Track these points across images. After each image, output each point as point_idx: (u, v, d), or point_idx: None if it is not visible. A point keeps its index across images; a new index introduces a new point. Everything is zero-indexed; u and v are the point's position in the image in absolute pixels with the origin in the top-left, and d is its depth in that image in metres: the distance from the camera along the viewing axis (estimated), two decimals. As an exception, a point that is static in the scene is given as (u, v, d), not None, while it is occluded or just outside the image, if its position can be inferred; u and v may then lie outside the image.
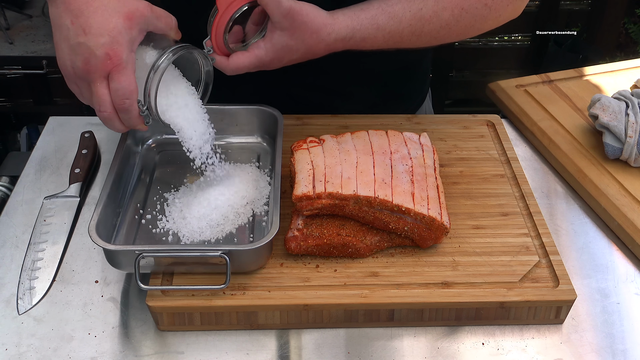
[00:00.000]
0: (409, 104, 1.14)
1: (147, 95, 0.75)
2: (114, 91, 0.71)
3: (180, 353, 0.75)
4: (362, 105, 1.08)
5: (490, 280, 0.78)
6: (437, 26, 0.86)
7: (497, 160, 0.98)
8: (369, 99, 1.09)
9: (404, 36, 0.85)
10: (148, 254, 0.74)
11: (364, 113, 1.06)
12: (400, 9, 0.84)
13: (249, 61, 0.81)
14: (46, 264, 0.84)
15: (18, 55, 1.86)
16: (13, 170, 1.04)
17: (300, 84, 1.03)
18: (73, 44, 0.70)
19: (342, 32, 0.82)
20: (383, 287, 0.77)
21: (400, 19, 0.84)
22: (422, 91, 1.17)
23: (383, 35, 0.84)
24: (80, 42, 0.70)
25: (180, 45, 0.77)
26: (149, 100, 0.76)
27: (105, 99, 0.72)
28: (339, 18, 0.82)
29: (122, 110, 0.73)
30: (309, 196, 0.79)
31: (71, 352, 0.75)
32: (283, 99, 1.00)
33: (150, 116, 0.77)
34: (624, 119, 0.97)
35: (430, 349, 0.76)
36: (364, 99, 1.08)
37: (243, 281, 0.77)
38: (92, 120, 1.09)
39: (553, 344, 0.77)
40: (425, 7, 0.84)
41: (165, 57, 0.75)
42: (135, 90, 0.73)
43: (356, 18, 0.83)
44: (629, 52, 2.53)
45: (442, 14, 0.85)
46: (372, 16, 0.83)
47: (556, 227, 0.92)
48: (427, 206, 0.80)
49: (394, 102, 1.11)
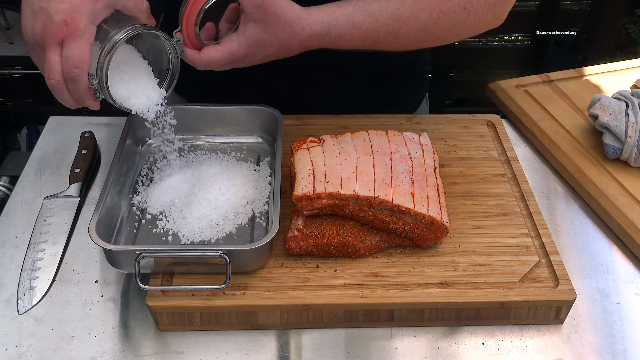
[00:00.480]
0: (405, 106, 1.14)
1: (99, 69, 0.72)
2: (65, 58, 0.70)
3: (180, 353, 0.75)
4: (356, 106, 1.07)
5: (490, 280, 0.78)
6: (415, 27, 0.85)
7: (497, 160, 0.98)
8: (364, 100, 1.08)
9: (381, 36, 0.84)
10: (148, 254, 0.74)
11: (358, 113, 1.06)
12: (377, 7, 0.83)
13: (221, 55, 0.79)
14: (46, 264, 0.84)
15: (18, 55, 1.86)
16: (13, 170, 1.04)
17: (297, 83, 1.03)
18: (35, 9, 0.70)
19: (317, 27, 0.81)
20: (383, 287, 0.77)
21: (377, 17, 0.83)
22: (419, 93, 1.17)
23: (359, 33, 0.83)
24: (42, 7, 0.69)
25: (143, 24, 0.75)
26: (101, 75, 0.73)
27: (55, 66, 0.70)
28: (314, 13, 0.81)
29: (70, 79, 0.71)
30: (309, 196, 0.79)
31: (71, 352, 0.75)
32: (281, 101, 1.00)
33: (101, 92, 0.74)
34: (624, 119, 0.97)
35: (430, 349, 0.76)
36: (359, 100, 1.08)
37: (243, 281, 0.77)
38: (92, 120, 1.09)
39: (553, 344, 0.77)
40: (402, 6, 0.83)
41: (124, 31, 0.72)
42: (87, 61, 0.70)
43: (332, 14, 0.82)
44: (629, 52, 2.53)
45: (420, 15, 0.84)
46: (348, 13, 0.82)
47: (556, 227, 0.92)
48: (427, 206, 0.80)
49: (389, 104, 1.11)
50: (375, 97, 1.09)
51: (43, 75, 0.72)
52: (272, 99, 0.98)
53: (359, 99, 1.08)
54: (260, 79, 0.98)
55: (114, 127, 1.08)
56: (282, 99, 1.01)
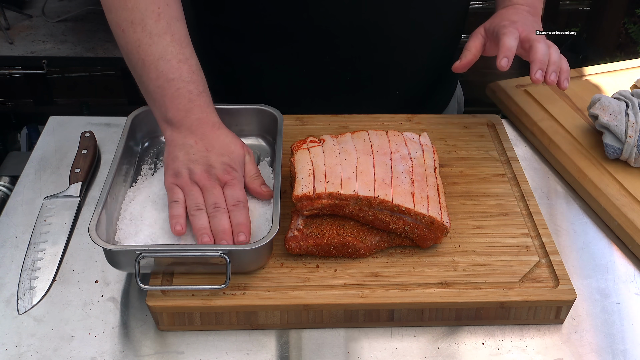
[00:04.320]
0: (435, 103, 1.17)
1: None
2: (229, 197, 0.81)
3: (180, 353, 0.75)
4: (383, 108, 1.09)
5: (490, 280, 0.78)
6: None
7: (497, 160, 0.98)
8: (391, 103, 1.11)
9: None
10: (148, 254, 0.74)
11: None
12: None
13: None
14: (46, 264, 0.84)
15: (18, 55, 1.86)
16: (13, 170, 1.04)
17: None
18: (196, 158, 0.81)
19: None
20: (383, 287, 0.77)
21: None
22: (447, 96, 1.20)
23: None
24: (204, 156, 0.81)
25: None
26: None
27: (213, 199, 0.80)
28: None
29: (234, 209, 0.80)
30: (309, 196, 0.79)
31: (71, 352, 0.75)
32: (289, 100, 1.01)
33: None
34: (624, 119, 0.97)
35: (430, 349, 0.76)
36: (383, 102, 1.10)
37: (243, 281, 0.77)
38: (92, 120, 1.09)
39: (553, 344, 0.77)
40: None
41: None
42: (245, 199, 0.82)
43: None
44: (629, 52, 2.53)
45: None
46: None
47: (556, 227, 0.92)
48: (427, 206, 0.80)
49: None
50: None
51: (170, 198, 0.81)
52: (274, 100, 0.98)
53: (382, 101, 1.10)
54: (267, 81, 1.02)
55: (114, 127, 1.08)
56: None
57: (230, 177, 0.81)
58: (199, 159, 0.81)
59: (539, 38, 0.92)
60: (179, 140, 0.82)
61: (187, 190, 0.81)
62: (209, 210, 0.79)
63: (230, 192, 0.81)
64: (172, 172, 0.81)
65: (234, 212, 0.79)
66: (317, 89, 1.06)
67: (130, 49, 0.84)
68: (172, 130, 0.83)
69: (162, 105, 0.83)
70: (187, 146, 0.82)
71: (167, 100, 0.82)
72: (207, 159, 0.81)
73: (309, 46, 1.01)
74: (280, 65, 1.04)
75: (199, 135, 0.82)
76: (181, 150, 0.82)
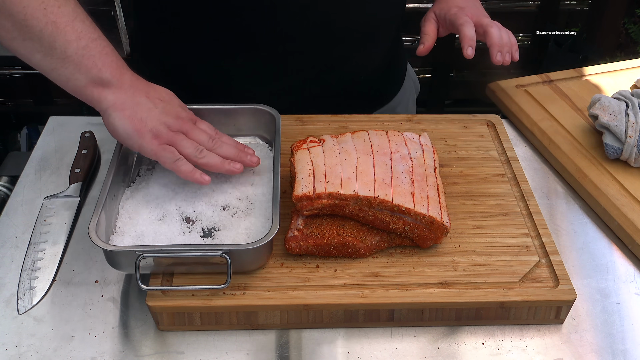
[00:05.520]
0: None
1: None
2: (207, 129, 0.85)
3: (180, 353, 0.75)
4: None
5: (490, 280, 0.78)
6: None
7: (497, 160, 0.98)
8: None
9: None
10: (148, 254, 0.74)
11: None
12: None
13: None
14: (46, 264, 0.84)
15: (18, 55, 1.86)
16: (13, 170, 1.04)
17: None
18: (160, 111, 0.81)
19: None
20: (383, 287, 0.77)
21: None
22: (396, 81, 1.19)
23: None
24: (164, 107, 0.82)
25: None
26: None
27: (204, 136, 0.84)
28: None
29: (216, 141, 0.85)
30: (309, 196, 0.79)
31: (71, 352, 0.75)
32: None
33: None
34: (624, 119, 0.97)
35: (430, 349, 0.76)
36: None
37: (243, 281, 0.77)
38: (92, 120, 1.09)
39: (553, 344, 0.77)
40: None
41: None
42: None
43: None
44: (629, 52, 2.53)
45: None
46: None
47: (556, 227, 0.92)
48: (427, 206, 0.80)
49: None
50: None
51: (169, 159, 0.81)
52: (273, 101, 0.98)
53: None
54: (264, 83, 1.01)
55: (114, 127, 1.08)
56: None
57: (191, 114, 0.86)
58: (164, 111, 0.81)
59: (490, 23, 1.00)
60: (130, 100, 0.79)
61: (177, 142, 0.80)
62: (207, 147, 0.82)
63: (204, 126, 0.85)
64: (152, 135, 0.79)
65: (223, 138, 0.85)
66: (278, 86, 1.05)
67: (33, 12, 0.74)
68: (114, 92, 0.79)
69: (93, 66, 0.77)
70: (143, 104, 0.80)
71: (98, 60, 0.77)
72: (168, 108, 0.82)
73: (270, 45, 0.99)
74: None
75: (143, 89, 0.81)
76: (141, 110, 0.79)
